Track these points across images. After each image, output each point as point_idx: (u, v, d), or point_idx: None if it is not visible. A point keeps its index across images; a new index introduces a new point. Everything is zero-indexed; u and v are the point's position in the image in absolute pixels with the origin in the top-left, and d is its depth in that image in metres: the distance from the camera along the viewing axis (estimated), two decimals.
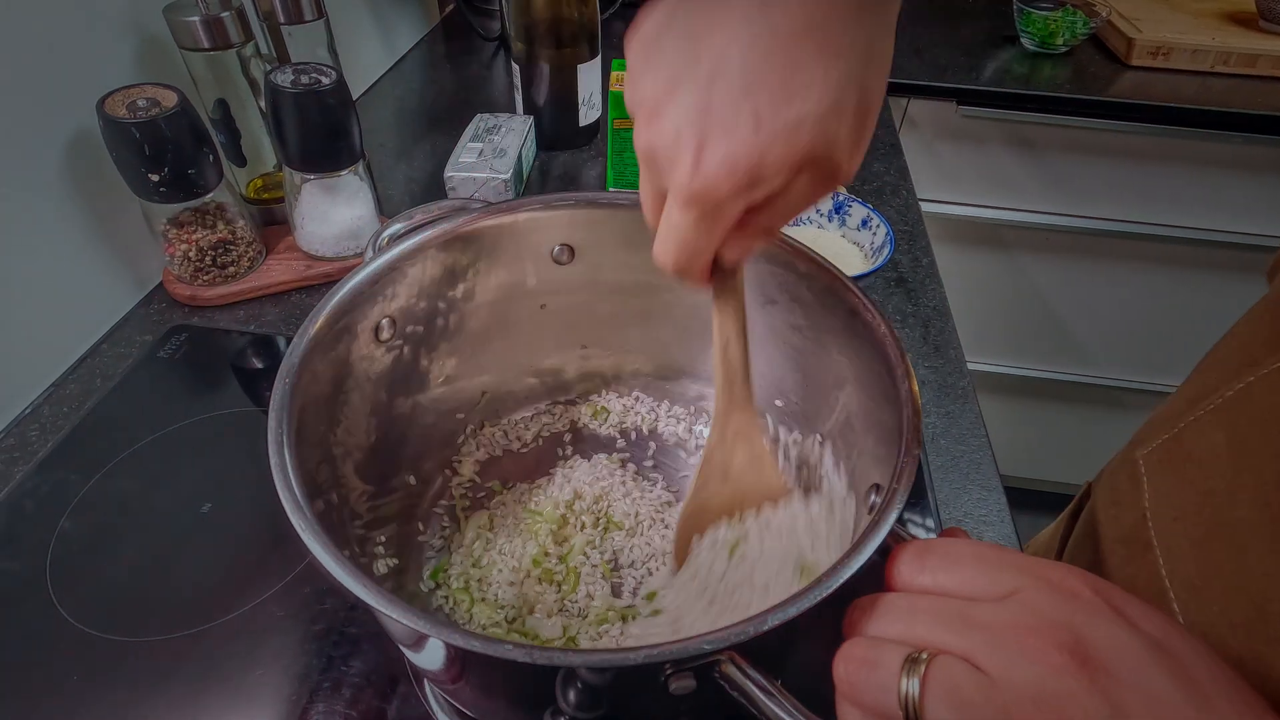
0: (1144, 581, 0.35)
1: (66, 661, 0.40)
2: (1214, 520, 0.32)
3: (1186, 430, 0.35)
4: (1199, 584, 0.32)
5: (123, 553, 0.45)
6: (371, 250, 0.41)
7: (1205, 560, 0.32)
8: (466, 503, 0.47)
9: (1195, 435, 0.35)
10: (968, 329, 0.83)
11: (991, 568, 0.24)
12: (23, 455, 0.51)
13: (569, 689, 0.27)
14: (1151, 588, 0.34)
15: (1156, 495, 0.36)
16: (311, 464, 0.34)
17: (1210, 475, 0.33)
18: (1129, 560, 0.37)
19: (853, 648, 0.25)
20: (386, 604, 0.26)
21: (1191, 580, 0.32)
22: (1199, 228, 1.10)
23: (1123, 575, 0.37)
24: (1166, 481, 0.36)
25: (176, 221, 0.59)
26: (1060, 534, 0.47)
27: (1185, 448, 0.35)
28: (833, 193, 0.29)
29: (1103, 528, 0.41)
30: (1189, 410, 0.36)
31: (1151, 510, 0.36)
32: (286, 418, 0.32)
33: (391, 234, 0.41)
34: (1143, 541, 0.36)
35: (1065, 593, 0.23)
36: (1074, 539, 0.45)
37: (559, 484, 0.47)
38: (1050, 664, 0.21)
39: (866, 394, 0.37)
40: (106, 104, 0.52)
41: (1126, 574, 0.36)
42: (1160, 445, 0.37)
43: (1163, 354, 1.28)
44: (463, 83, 1.01)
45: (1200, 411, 0.35)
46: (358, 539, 0.39)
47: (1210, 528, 0.32)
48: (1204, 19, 1.09)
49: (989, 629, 0.22)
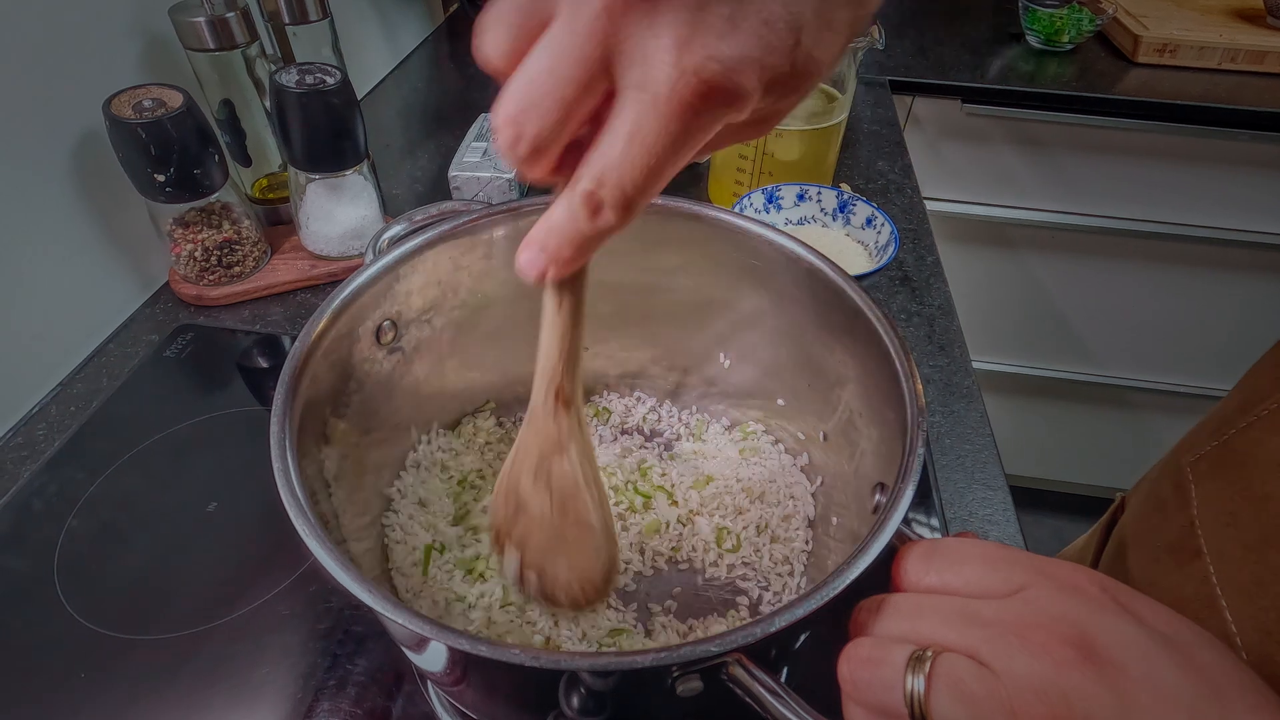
0: (1192, 588, 0.34)
1: (73, 659, 0.40)
2: (1270, 525, 0.32)
3: (1238, 436, 0.35)
4: (1253, 590, 0.32)
5: (129, 551, 0.45)
6: (371, 252, 0.41)
7: (1260, 565, 0.32)
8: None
9: (1248, 441, 0.35)
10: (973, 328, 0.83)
11: (998, 566, 0.24)
12: (30, 454, 0.51)
13: (572, 692, 0.27)
14: (1200, 594, 0.34)
15: (1206, 501, 0.36)
16: (313, 466, 0.34)
17: (1266, 480, 0.32)
18: (1176, 568, 0.36)
19: (857, 647, 0.24)
20: (388, 607, 0.26)
21: (1245, 586, 0.32)
22: (1206, 226, 1.10)
23: (1168, 583, 0.36)
24: (1217, 487, 0.36)
25: (182, 221, 0.59)
26: (1095, 546, 0.47)
27: (1238, 454, 0.35)
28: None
29: (1144, 536, 0.40)
30: (1239, 417, 0.35)
31: (1200, 517, 0.36)
32: (288, 422, 0.32)
33: (391, 236, 0.41)
34: (1191, 549, 0.35)
35: (1071, 589, 0.23)
36: (1109, 551, 0.45)
37: None
38: (1055, 658, 0.21)
39: (870, 393, 0.37)
40: (113, 104, 0.53)
41: (1172, 582, 0.36)
42: (1209, 452, 0.37)
43: (1169, 352, 1.27)
44: (467, 82, 1.01)
45: (1253, 417, 0.34)
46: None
47: (1266, 532, 0.32)
48: (1211, 16, 1.09)
49: (993, 625, 0.22)
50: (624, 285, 0.46)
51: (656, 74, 0.19)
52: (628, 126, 0.20)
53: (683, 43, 0.18)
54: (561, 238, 0.22)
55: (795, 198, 0.68)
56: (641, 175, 0.20)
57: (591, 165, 0.21)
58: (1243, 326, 1.20)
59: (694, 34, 0.18)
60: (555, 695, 0.27)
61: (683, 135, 0.20)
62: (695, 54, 0.18)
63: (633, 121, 0.19)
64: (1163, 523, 0.39)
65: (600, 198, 0.21)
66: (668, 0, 0.18)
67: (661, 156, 0.20)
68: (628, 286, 0.47)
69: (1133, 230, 1.12)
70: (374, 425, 0.42)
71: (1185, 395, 1.31)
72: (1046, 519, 1.55)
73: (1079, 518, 1.54)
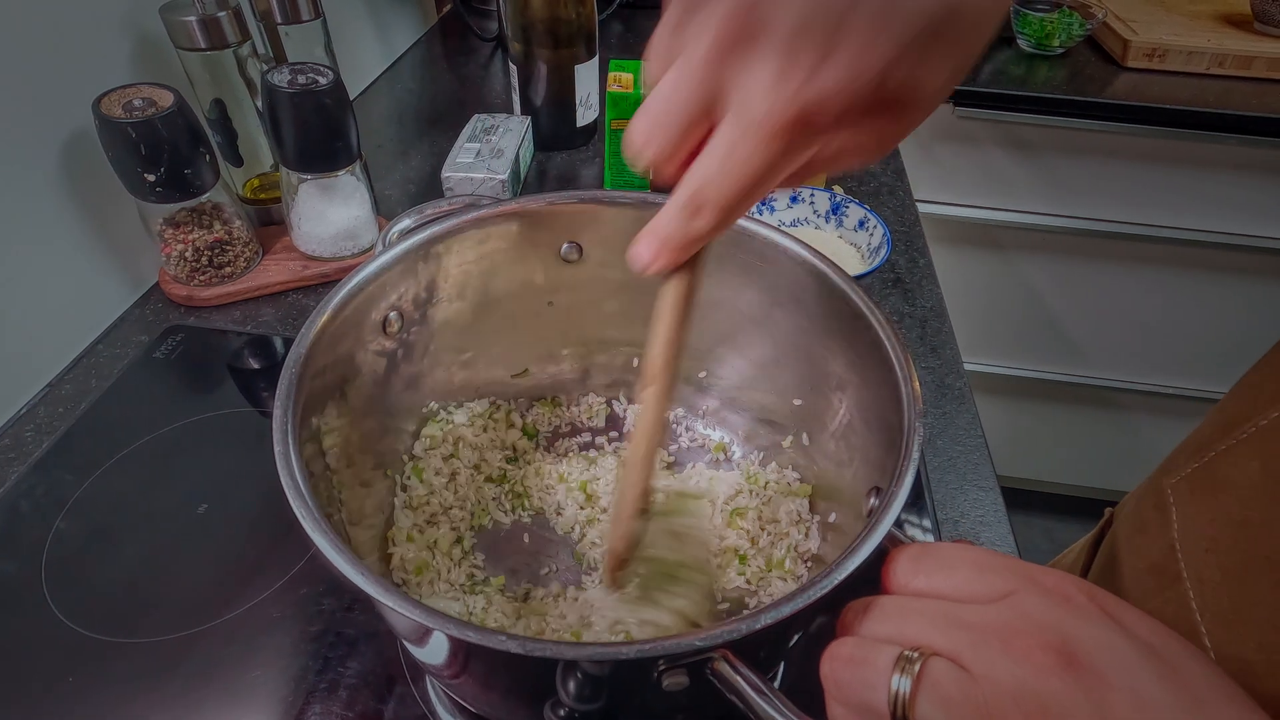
0: (1172, 613, 0.34)
1: (61, 663, 0.40)
2: (1249, 552, 0.31)
3: (1218, 459, 0.35)
4: (1232, 617, 0.31)
5: (118, 554, 0.45)
6: (381, 244, 0.41)
7: (1239, 593, 0.31)
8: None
9: (1228, 464, 0.34)
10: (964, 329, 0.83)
11: (986, 572, 0.24)
12: (18, 456, 0.51)
13: (568, 681, 0.27)
14: (1181, 620, 0.33)
15: (1186, 524, 0.36)
16: (314, 450, 0.34)
17: (1245, 505, 0.32)
18: (1157, 591, 0.36)
19: (840, 646, 0.25)
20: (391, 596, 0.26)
21: (1224, 613, 0.32)
22: (1194, 229, 1.11)
23: (1150, 606, 0.36)
24: (1197, 510, 0.35)
25: (173, 221, 0.59)
26: (1081, 564, 0.47)
27: (1217, 476, 0.35)
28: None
29: (1127, 557, 0.40)
30: (1221, 438, 0.35)
31: (1180, 540, 0.36)
32: (292, 406, 0.32)
33: (401, 229, 0.42)
34: (1172, 573, 0.35)
35: (1058, 596, 0.23)
36: (1095, 568, 0.45)
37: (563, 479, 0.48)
38: (1035, 664, 0.21)
39: (868, 396, 0.37)
40: (102, 104, 0.52)
41: (1154, 605, 0.36)
42: (1190, 474, 0.37)
43: (1157, 354, 1.28)
44: (460, 83, 1.01)
45: (1233, 440, 0.34)
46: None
47: (1244, 559, 0.31)
48: (1199, 21, 1.10)
49: (977, 629, 0.22)
50: (630, 283, 0.46)
51: (751, 104, 0.22)
52: (724, 147, 0.24)
53: (775, 78, 0.22)
54: (663, 236, 0.26)
55: (788, 199, 0.68)
56: (733, 188, 0.24)
57: (692, 177, 0.25)
58: (1231, 329, 1.21)
59: (785, 72, 0.22)
60: (551, 684, 0.27)
61: (772, 156, 0.23)
62: (785, 88, 0.22)
63: (729, 143, 0.23)
64: (1146, 543, 0.38)
65: (697, 204, 0.25)
66: (762, 46, 0.22)
67: (751, 174, 0.23)
68: (634, 284, 0.46)
69: (1122, 233, 1.12)
70: (377, 415, 0.42)
71: (1174, 397, 1.32)
72: (1037, 520, 1.56)
73: (1070, 518, 1.55)
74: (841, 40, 0.21)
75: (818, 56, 0.21)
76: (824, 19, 0.21)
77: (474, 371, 0.48)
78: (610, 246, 0.45)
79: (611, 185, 0.76)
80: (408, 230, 0.41)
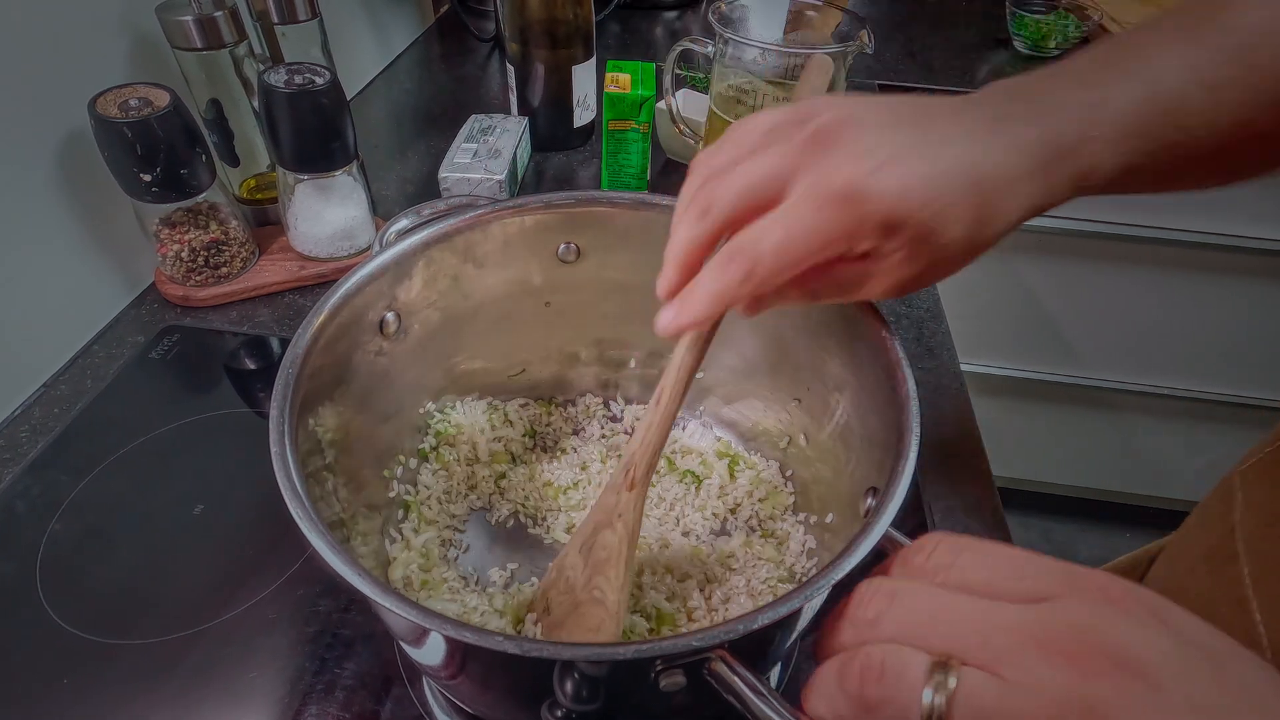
0: (1222, 591, 0.34)
1: (56, 665, 0.40)
2: None
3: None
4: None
5: (114, 555, 0.45)
6: (378, 245, 0.41)
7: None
8: None
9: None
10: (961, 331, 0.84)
11: (1027, 571, 0.23)
12: (13, 457, 0.51)
13: (565, 682, 0.27)
14: (1231, 596, 0.34)
15: (1249, 507, 0.36)
16: (310, 454, 0.34)
17: None
18: (1209, 574, 0.37)
19: (867, 656, 0.22)
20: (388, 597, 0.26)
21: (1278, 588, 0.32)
22: (1192, 230, 1.11)
23: (1198, 589, 0.37)
24: (1263, 493, 0.36)
25: (169, 222, 0.59)
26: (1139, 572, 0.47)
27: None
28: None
29: (1182, 555, 0.41)
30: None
31: (1240, 522, 0.36)
32: (288, 407, 0.32)
33: (399, 229, 0.42)
34: (1226, 553, 0.36)
35: (1102, 598, 0.21)
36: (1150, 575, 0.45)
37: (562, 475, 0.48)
38: (1079, 669, 0.20)
39: (865, 397, 0.37)
40: (98, 103, 0.52)
41: (1203, 587, 0.36)
42: (1259, 460, 0.37)
43: (1154, 355, 1.29)
44: (457, 83, 1.01)
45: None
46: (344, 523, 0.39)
47: None
48: None
49: (1014, 632, 0.21)
50: (628, 284, 0.46)
51: (815, 183, 0.26)
52: (781, 213, 0.27)
53: (841, 166, 0.26)
54: (698, 290, 0.29)
55: None
56: (777, 246, 0.27)
57: (743, 233, 0.28)
58: (1228, 330, 1.22)
59: (852, 166, 0.26)
60: (544, 687, 0.27)
61: (820, 229, 0.26)
62: (845, 174, 0.26)
63: (786, 209, 0.27)
64: (1204, 534, 0.39)
65: (735, 252, 0.28)
66: (840, 144, 0.27)
67: (799, 241, 0.27)
68: (632, 286, 0.47)
69: (1119, 234, 1.13)
70: (373, 416, 0.42)
71: (1170, 398, 1.32)
72: (1034, 520, 1.56)
73: (1067, 519, 1.56)
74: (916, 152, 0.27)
75: (881, 163, 0.26)
76: (903, 138, 0.27)
77: (471, 372, 0.48)
78: (608, 247, 0.45)
79: (609, 186, 0.76)
80: (405, 230, 0.41)
